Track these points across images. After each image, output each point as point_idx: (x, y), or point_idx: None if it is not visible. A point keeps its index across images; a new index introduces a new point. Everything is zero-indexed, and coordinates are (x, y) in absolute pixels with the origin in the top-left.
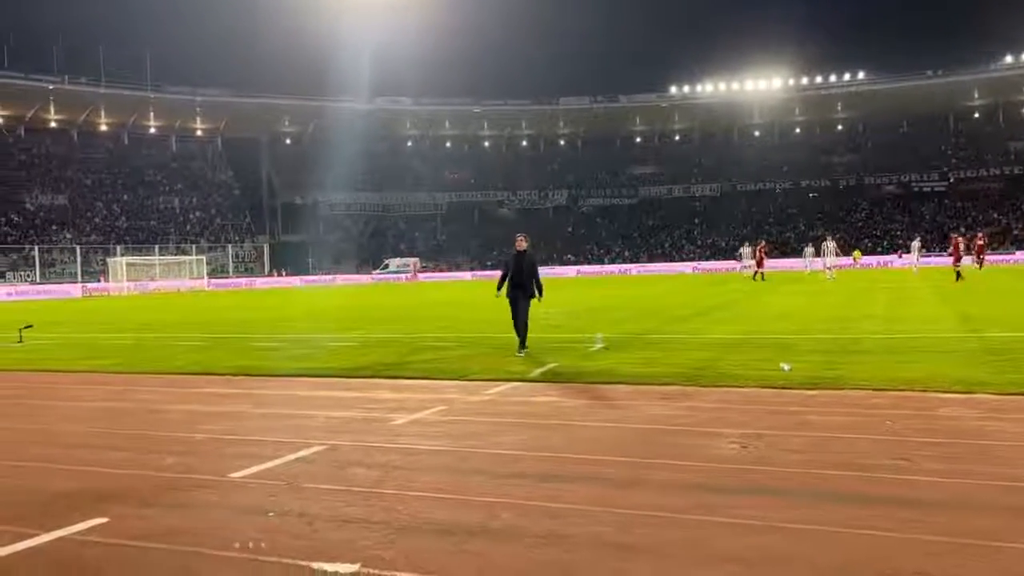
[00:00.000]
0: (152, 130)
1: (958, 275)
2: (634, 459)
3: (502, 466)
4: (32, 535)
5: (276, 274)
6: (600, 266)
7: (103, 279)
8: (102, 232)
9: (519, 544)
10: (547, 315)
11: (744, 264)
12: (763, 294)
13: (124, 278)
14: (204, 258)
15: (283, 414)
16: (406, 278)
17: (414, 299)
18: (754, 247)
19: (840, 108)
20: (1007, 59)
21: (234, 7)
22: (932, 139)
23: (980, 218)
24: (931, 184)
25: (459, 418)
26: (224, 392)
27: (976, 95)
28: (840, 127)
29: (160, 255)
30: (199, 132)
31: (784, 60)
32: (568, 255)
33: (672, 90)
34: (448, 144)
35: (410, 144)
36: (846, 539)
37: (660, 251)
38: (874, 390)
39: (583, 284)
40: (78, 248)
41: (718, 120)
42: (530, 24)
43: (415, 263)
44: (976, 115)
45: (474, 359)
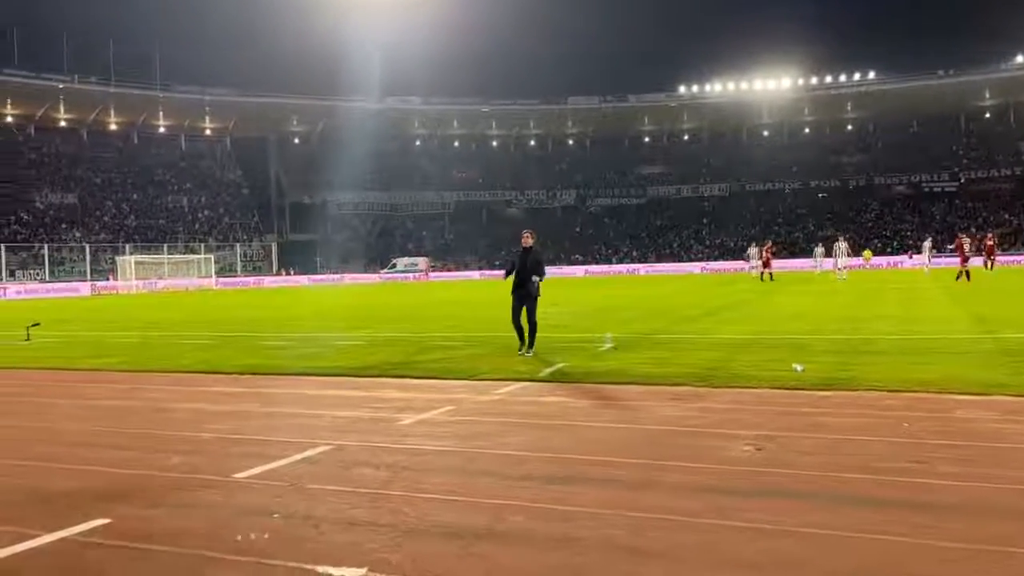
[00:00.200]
0: (161, 129)
1: (965, 275)
2: (645, 461)
3: (511, 467)
4: (34, 536)
5: (284, 273)
6: (608, 266)
7: (112, 277)
8: (111, 231)
9: (528, 547)
10: (547, 314)
11: (751, 264)
12: (773, 294)
13: (133, 277)
14: (212, 257)
15: (289, 413)
16: (415, 277)
17: (422, 298)
18: (761, 247)
19: (850, 108)
20: (1018, 59)
21: (243, 6)
22: (943, 139)
23: (991, 219)
24: (941, 184)
25: (467, 418)
26: (231, 391)
27: (987, 95)
28: (850, 127)
29: (169, 254)
30: (208, 131)
31: (793, 60)
32: (576, 255)
33: (681, 90)
34: (456, 143)
35: (418, 143)
36: (860, 544)
37: (668, 251)
38: (888, 391)
39: (591, 284)
40: (87, 247)
41: (727, 120)
42: (539, 24)
43: (426, 262)
44: (987, 115)
45: (482, 359)
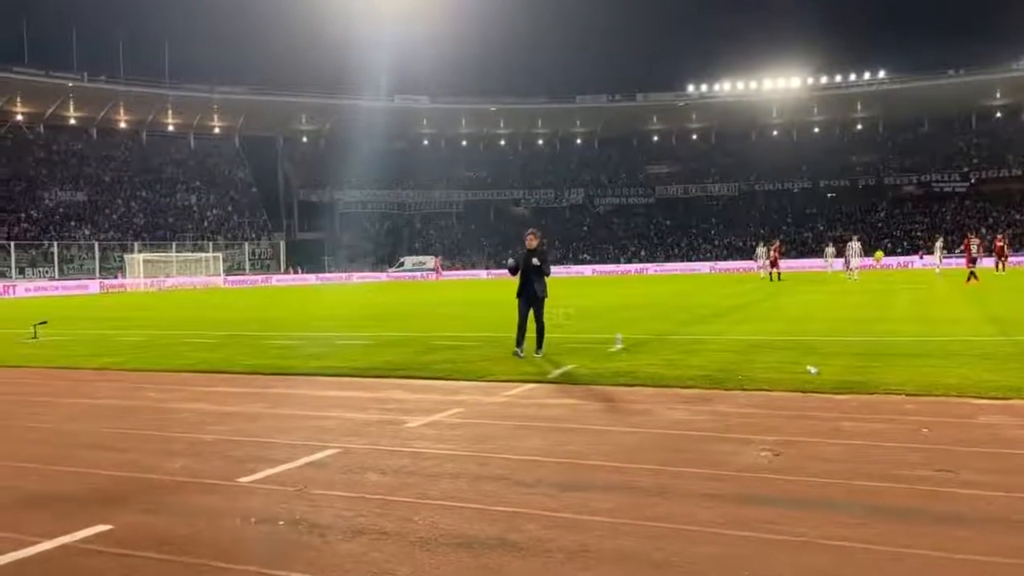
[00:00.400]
0: (170, 127)
1: (971, 275)
2: (660, 467)
3: (522, 473)
4: (33, 542)
5: (292, 271)
6: (616, 265)
7: (121, 276)
8: (120, 229)
9: (542, 559)
10: (553, 314)
11: (760, 264)
12: (784, 294)
13: (141, 275)
14: (221, 255)
15: (295, 415)
16: (425, 275)
17: (430, 297)
18: (769, 247)
19: (859, 107)
20: None
21: (253, 5)
22: (953, 139)
23: (1002, 219)
24: (952, 184)
25: (476, 421)
26: (236, 391)
27: (998, 94)
28: (859, 126)
29: (177, 252)
30: (217, 130)
31: (803, 59)
32: (584, 254)
33: (690, 89)
34: (464, 142)
35: (426, 142)
36: (893, 559)
37: (677, 251)
38: (907, 395)
39: (599, 283)
40: (96, 244)
41: (736, 119)
42: (547, 22)
43: (438, 261)
44: (998, 115)
45: (491, 359)
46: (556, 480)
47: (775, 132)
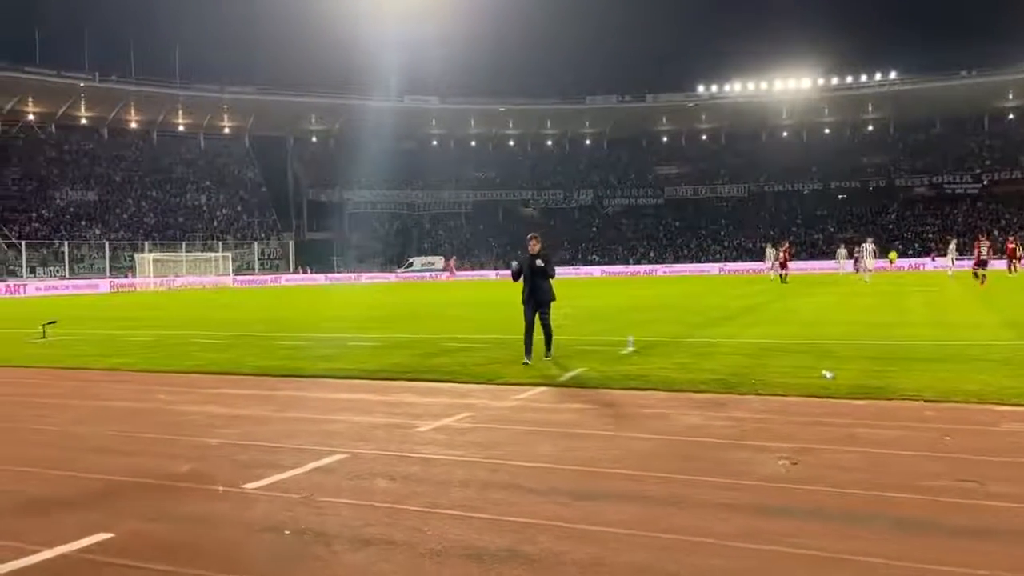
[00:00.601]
0: (180, 127)
1: (975, 277)
2: (675, 475)
3: (533, 481)
4: (33, 551)
5: (301, 271)
6: (625, 266)
7: (131, 275)
8: (130, 228)
9: (554, 572)
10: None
11: (768, 265)
12: (796, 296)
13: (151, 274)
14: (230, 255)
15: (303, 418)
16: (434, 276)
17: (439, 298)
18: (778, 248)
19: (870, 108)
20: None
21: (263, 6)
22: (965, 140)
23: (1014, 221)
24: (964, 186)
25: (486, 425)
26: (244, 393)
27: (1010, 95)
28: (870, 127)
29: (187, 252)
30: (226, 130)
31: (813, 59)
32: (593, 255)
33: (699, 89)
34: (473, 143)
35: (436, 143)
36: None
37: (686, 252)
38: (926, 402)
39: (608, 285)
40: (107, 244)
41: (746, 120)
42: (557, 23)
43: (451, 260)
44: (1010, 116)
45: (500, 361)
46: (568, 488)
47: (785, 133)
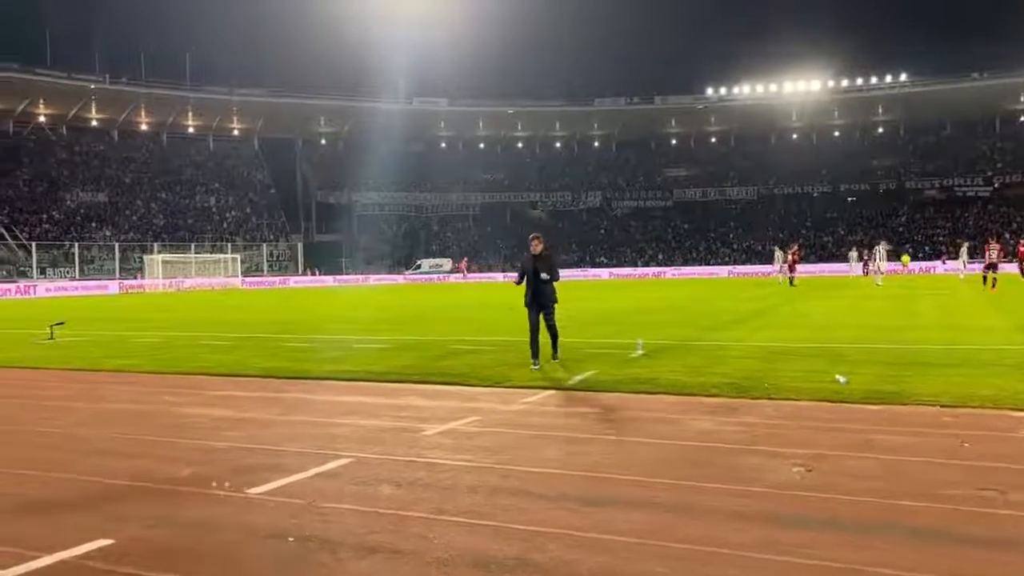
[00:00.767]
0: (190, 129)
1: (984, 280)
2: (687, 482)
3: (542, 487)
4: (33, 557)
5: (309, 273)
6: (633, 269)
7: (140, 276)
8: (140, 230)
9: None
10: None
11: (778, 268)
12: (806, 300)
13: (160, 275)
14: (239, 256)
15: (309, 421)
16: (443, 278)
17: (447, 300)
18: (786, 251)
19: (881, 110)
20: None
21: (272, 8)
22: (976, 142)
23: None
24: (975, 188)
25: (493, 430)
26: (250, 395)
27: (1022, 98)
28: (880, 130)
29: (196, 253)
30: (236, 132)
31: (823, 61)
32: (601, 258)
33: (708, 91)
34: (482, 145)
35: (444, 145)
36: None
37: (695, 254)
38: (941, 407)
39: (617, 287)
40: (116, 245)
41: (755, 122)
42: (565, 25)
43: (464, 262)
44: (1022, 118)
45: (508, 364)
46: (577, 495)
47: (795, 135)
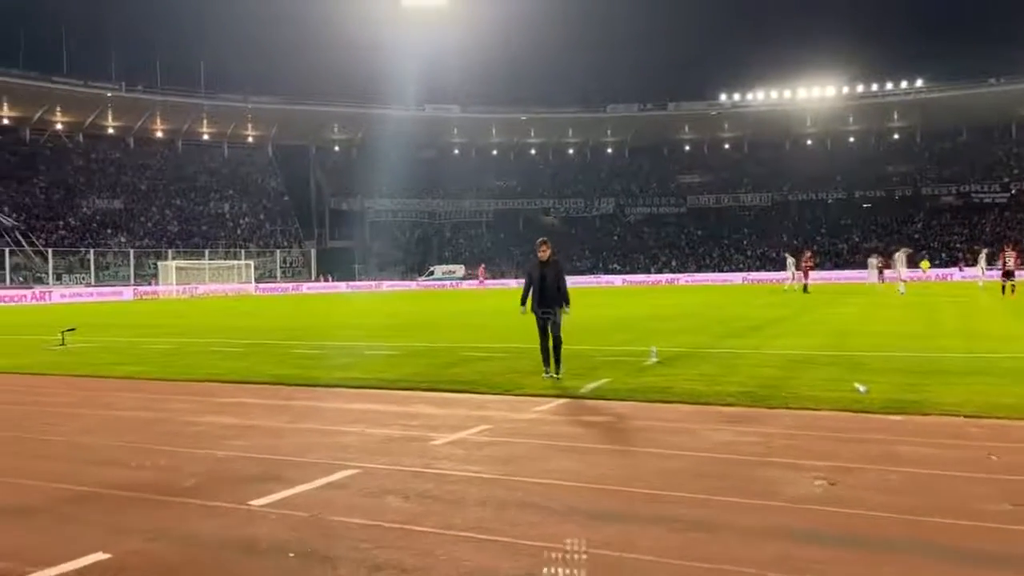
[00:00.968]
0: (205, 137)
1: (1004, 287)
2: (704, 495)
3: (553, 500)
4: (27, 572)
5: (322, 279)
6: (646, 275)
7: (154, 282)
8: (154, 236)
9: None
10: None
11: (789, 275)
12: (822, 307)
13: (174, 281)
14: (252, 263)
15: (316, 429)
16: (455, 284)
17: (459, 306)
18: (798, 257)
19: (896, 116)
20: None
21: (286, 17)
22: (993, 148)
23: None
24: (992, 195)
25: (504, 439)
26: (259, 403)
27: None
28: (896, 136)
29: (210, 260)
30: (250, 139)
31: (838, 67)
32: (614, 264)
33: (722, 98)
34: (495, 151)
35: (457, 151)
36: None
37: (708, 261)
38: (966, 417)
39: (630, 294)
40: (131, 252)
41: (769, 129)
42: (578, 31)
43: (482, 268)
44: None
45: (519, 372)
46: (589, 509)
47: (809, 141)
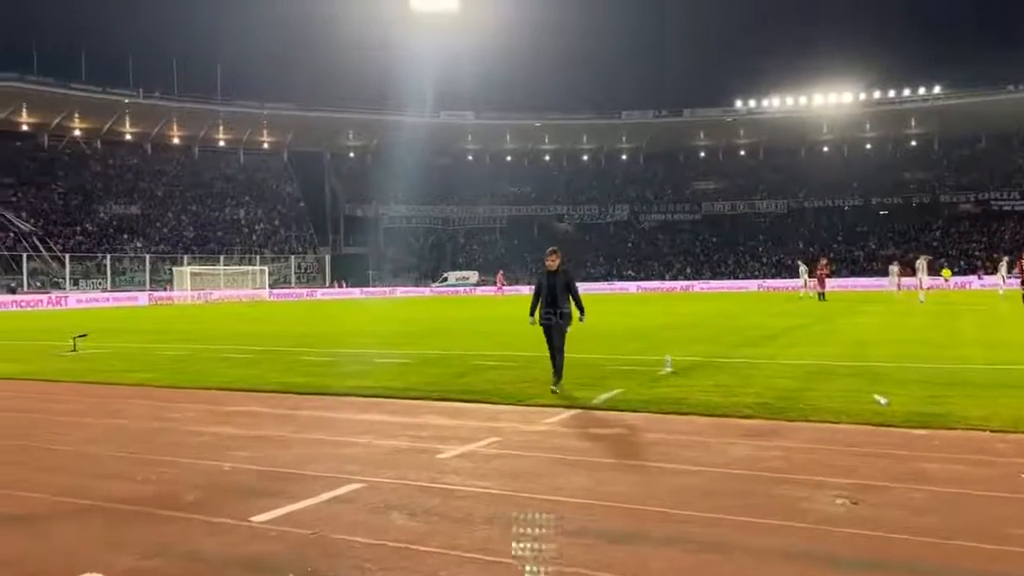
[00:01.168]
0: (221, 143)
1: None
2: (721, 515)
3: (563, 519)
4: None
5: (337, 285)
6: (661, 282)
7: (169, 288)
8: (170, 242)
9: None
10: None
11: (801, 282)
12: (838, 315)
13: (189, 287)
14: (266, 269)
15: (323, 440)
16: (469, 291)
17: (473, 313)
18: (812, 265)
19: (914, 123)
20: None
21: (302, 24)
22: (1012, 155)
23: None
24: (1011, 203)
25: (513, 452)
26: (265, 412)
27: None
28: (913, 143)
29: (225, 265)
30: (266, 145)
31: (855, 74)
32: (629, 271)
33: (737, 104)
34: (509, 158)
35: (471, 158)
36: None
37: (723, 268)
38: (992, 432)
39: (644, 301)
40: (147, 257)
41: (785, 135)
42: (593, 37)
43: (500, 275)
44: None
45: (532, 381)
46: (601, 528)
47: (825, 148)
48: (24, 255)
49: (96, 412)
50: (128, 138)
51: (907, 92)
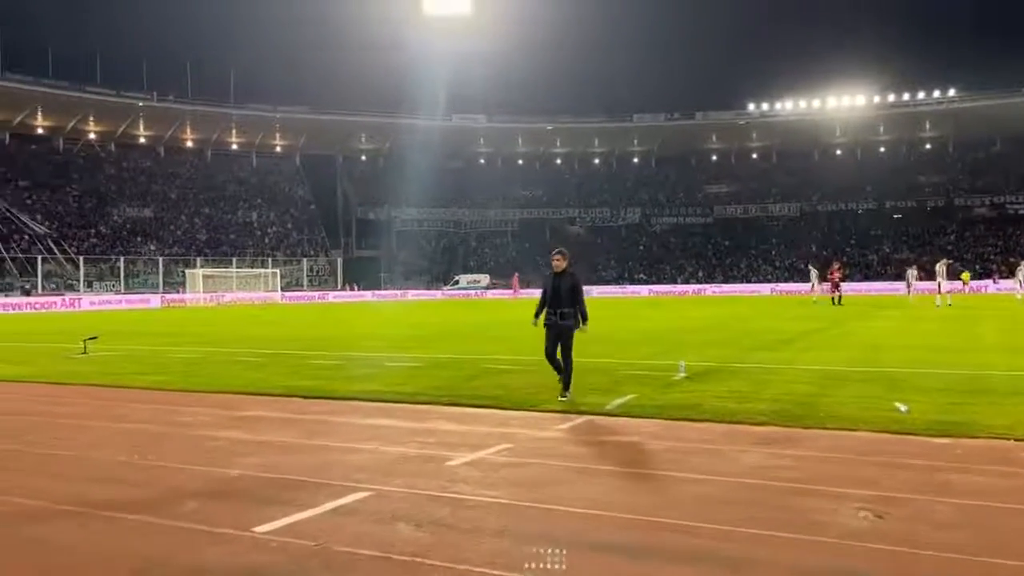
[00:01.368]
0: (234, 146)
1: None
2: (738, 528)
3: (574, 531)
4: None
5: (348, 288)
6: (673, 286)
7: (182, 290)
8: (183, 244)
9: None
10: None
11: (810, 286)
12: (853, 319)
13: (201, 289)
14: (278, 271)
15: (330, 447)
16: (480, 293)
17: (484, 316)
18: (824, 268)
19: (928, 126)
20: None
21: (315, 27)
22: None
23: None
24: None
25: (525, 460)
26: (272, 416)
27: None
28: (928, 146)
29: (237, 268)
30: (278, 148)
31: (868, 76)
32: (640, 274)
33: (750, 107)
34: (520, 161)
35: (483, 161)
36: None
37: (736, 272)
38: (1017, 440)
39: (656, 305)
40: (160, 260)
41: (798, 138)
42: (605, 41)
43: (516, 278)
44: None
45: (542, 386)
46: (613, 541)
47: (839, 151)
48: (39, 257)
49: (102, 415)
50: (142, 141)
51: (921, 95)
